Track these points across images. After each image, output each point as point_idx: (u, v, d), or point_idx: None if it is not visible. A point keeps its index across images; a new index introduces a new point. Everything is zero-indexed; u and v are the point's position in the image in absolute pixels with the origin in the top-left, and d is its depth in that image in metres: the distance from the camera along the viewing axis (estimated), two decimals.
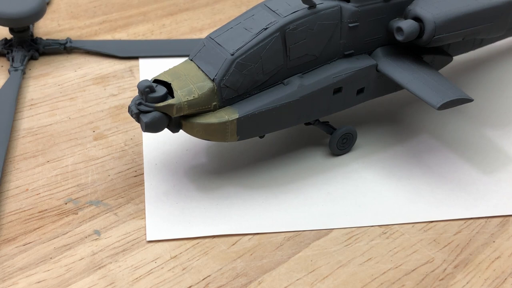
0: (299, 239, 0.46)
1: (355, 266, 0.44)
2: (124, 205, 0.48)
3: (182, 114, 0.44)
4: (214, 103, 0.45)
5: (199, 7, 0.78)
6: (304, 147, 0.54)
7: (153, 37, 0.71)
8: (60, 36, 0.69)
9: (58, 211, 0.47)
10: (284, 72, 0.47)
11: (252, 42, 0.45)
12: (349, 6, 0.48)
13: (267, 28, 0.45)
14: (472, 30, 0.51)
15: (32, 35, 0.66)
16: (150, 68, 0.64)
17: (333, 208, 0.49)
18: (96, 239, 0.45)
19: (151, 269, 0.43)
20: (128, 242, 0.45)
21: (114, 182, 0.50)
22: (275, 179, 0.51)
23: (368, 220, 0.48)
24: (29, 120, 0.56)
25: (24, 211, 0.47)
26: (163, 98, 0.44)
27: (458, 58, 0.63)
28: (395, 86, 0.53)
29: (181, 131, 0.47)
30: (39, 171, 0.50)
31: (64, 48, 0.66)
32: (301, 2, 0.46)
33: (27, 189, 0.49)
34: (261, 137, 0.50)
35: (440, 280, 0.44)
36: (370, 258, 0.45)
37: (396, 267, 0.44)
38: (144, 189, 0.49)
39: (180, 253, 0.44)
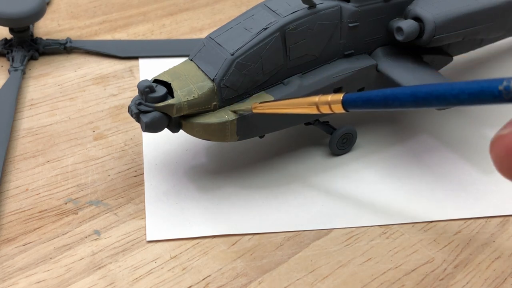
0: (299, 239, 0.46)
1: (355, 266, 0.44)
2: (124, 205, 0.48)
3: (182, 114, 0.44)
4: (214, 103, 0.45)
5: (199, 7, 0.78)
6: (304, 147, 0.54)
7: (153, 37, 0.71)
8: (60, 36, 0.69)
9: (58, 211, 0.47)
10: (284, 72, 0.47)
11: (252, 42, 0.45)
12: (349, 6, 0.48)
13: (267, 28, 0.45)
14: (472, 30, 0.51)
15: (32, 35, 0.66)
16: (150, 68, 0.64)
17: (333, 208, 0.49)
18: (96, 239, 0.45)
19: (151, 269, 0.43)
20: (128, 242, 0.45)
21: (114, 182, 0.50)
22: (275, 179, 0.51)
23: (368, 220, 0.48)
24: (29, 120, 0.56)
25: (24, 211, 0.47)
26: (163, 98, 0.44)
27: (458, 58, 0.63)
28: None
29: (181, 131, 0.47)
30: (39, 171, 0.50)
31: (64, 48, 0.66)
32: (301, 2, 0.46)
33: (27, 189, 0.49)
34: (261, 137, 0.50)
35: (440, 280, 0.44)
36: (370, 258, 0.45)
37: (396, 267, 0.44)
38: (144, 189, 0.49)
39: (180, 253, 0.44)
